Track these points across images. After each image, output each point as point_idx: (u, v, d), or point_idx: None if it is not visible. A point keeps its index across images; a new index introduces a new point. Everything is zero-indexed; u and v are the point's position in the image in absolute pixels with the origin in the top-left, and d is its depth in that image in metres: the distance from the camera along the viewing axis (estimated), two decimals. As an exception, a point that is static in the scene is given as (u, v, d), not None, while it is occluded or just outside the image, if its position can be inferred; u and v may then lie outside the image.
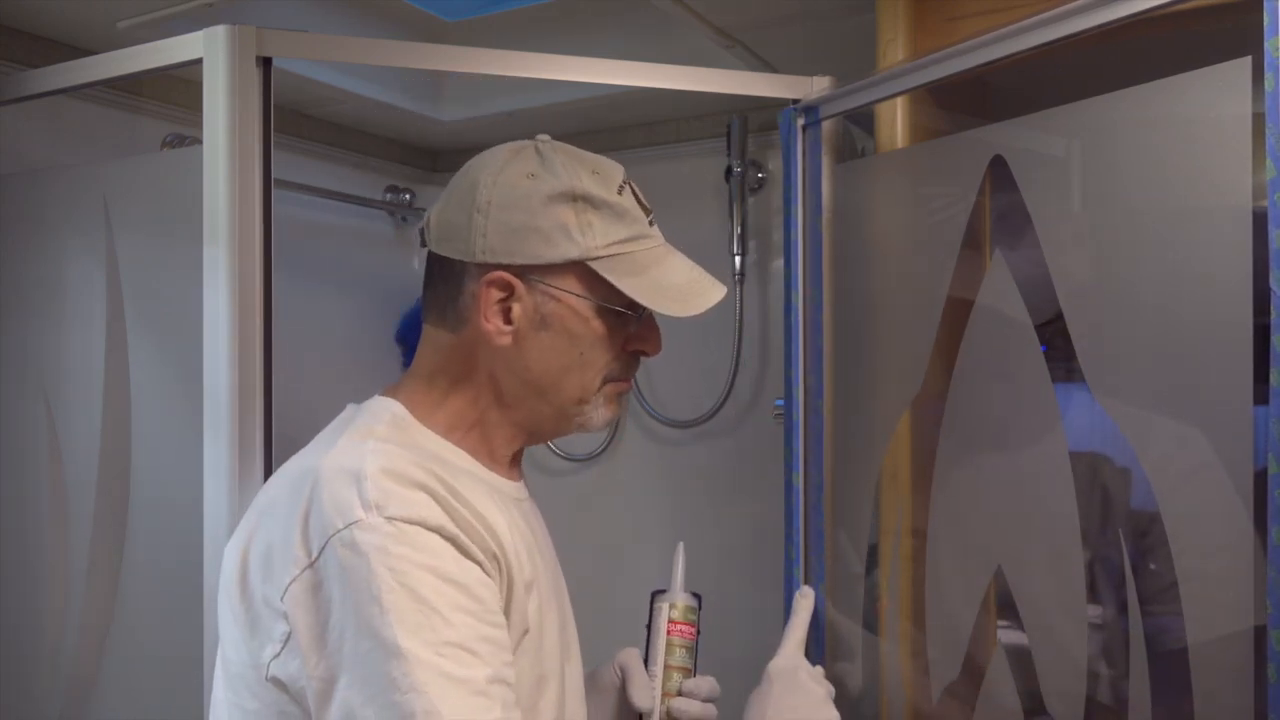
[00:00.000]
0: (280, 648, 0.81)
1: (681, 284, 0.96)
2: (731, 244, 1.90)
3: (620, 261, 0.93)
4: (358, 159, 2.04)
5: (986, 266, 1.15)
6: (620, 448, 2.11)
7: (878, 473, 1.32)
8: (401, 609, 0.78)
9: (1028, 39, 1.05)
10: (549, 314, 0.93)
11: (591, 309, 0.93)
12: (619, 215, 0.93)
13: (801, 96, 1.35)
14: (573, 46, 1.39)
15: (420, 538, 0.81)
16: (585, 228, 0.91)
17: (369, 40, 1.26)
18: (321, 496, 0.82)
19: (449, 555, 0.82)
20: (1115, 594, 1.24)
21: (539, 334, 0.93)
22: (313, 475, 0.84)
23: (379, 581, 0.78)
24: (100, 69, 1.26)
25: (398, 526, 0.80)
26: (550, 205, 0.91)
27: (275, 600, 0.81)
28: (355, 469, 0.83)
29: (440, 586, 0.80)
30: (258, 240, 1.14)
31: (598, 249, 0.92)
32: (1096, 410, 1.02)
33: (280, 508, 0.85)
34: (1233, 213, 0.89)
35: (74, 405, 1.32)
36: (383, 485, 0.82)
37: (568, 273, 0.92)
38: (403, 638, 0.77)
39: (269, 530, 0.85)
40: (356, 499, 0.81)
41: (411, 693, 0.76)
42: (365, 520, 0.79)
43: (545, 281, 0.92)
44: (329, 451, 0.87)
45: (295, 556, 0.81)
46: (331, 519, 0.80)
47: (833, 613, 1.36)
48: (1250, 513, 0.88)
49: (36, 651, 1.34)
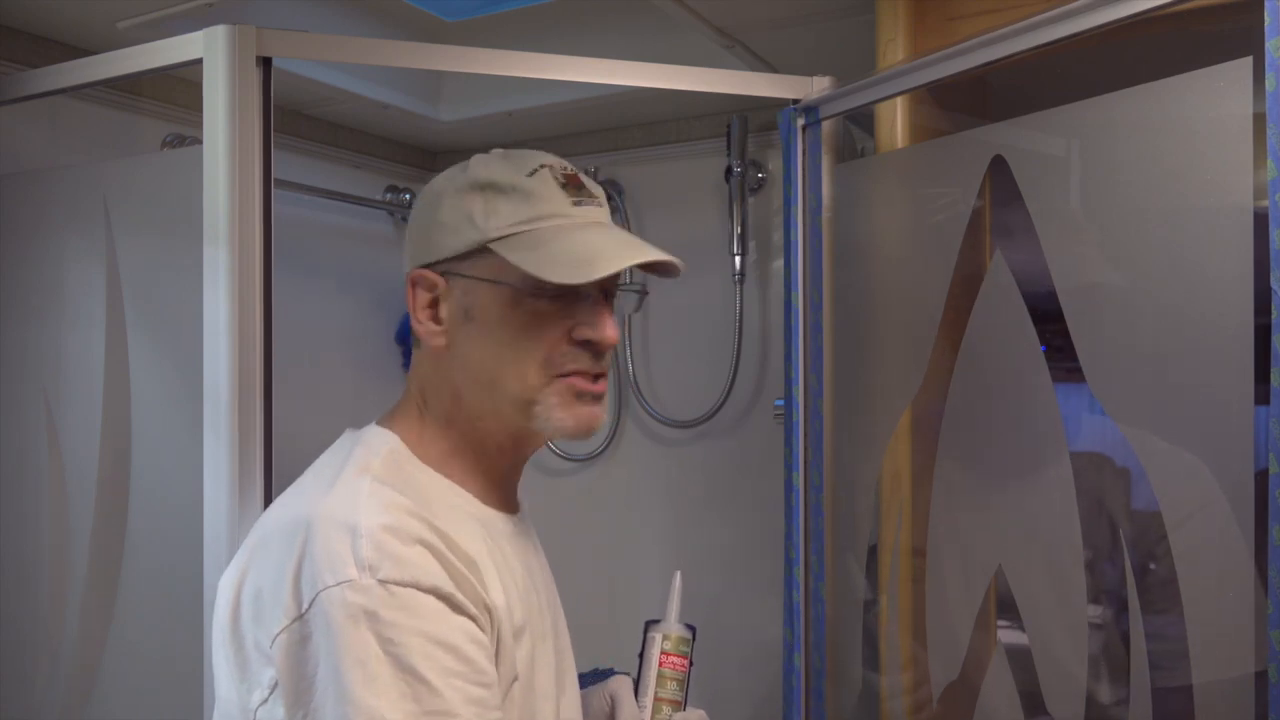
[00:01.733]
0: (268, 694, 0.81)
1: (581, 254, 0.90)
2: (731, 244, 1.89)
3: (521, 239, 0.90)
4: (357, 159, 2.04)
5: (986, 266, 1.15)
6: (620, 448, 2.11)
7: (878, 473, 1.32)
8: (385, 679, 0.77)
9: (1028, 39, 1.05)
10: (470, 305, 0.91)
11: (512, 293, 0.90)
12: (526, 196, 0.91)
13: (801, 96, 1.35)
14: (573, 46, 1.39)
15: (413, 600, 0.80)
16: (491, 213, 0.90)
17: (369, 40, 1.26)
18: (315, 548, 0.80)
19: (441, 616, 0.81)
20: (1115, 594, 1.25)
21: (466, 327, 0.92)
22: (307, 522, 0.82)
23: (366, 648, 0.77)
24: (100, 69, 1.26)
25: (390, 590, 0.79)
26: (457, 197, 0.91)
27: (265, 646, 0.81)
28: (351, 523, 0.81)
29: (430, 651, 0.79)
30: (258, 240, 1.14)
31: (498, 229, 0.90)
32: (1097, 410, 1.02)
33: (273, 551, 0.84)
34: (1233, 213, 0.89)
35: (74, 405, 1.32)
36: (378, 542, 0.80)
37: (481, 260, 0.90)
38: (386, 709, 0.77)
39: (260, 572, 0.83)
40: (350, 556, 0.79)
41: None
42: (357, 582, 0.78)
43: (460, 273, 0.91)
44: (326, 495, 0.85)
45: (285, 605, 0.80)
46: (322, 573, 0.79)
47: (833, 612, 1.36)
48: (1250, 513, 0.88)
49: (36, 651, 1.34)
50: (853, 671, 1.37)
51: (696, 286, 2.00)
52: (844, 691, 1.37)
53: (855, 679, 1.37)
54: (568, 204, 0.92)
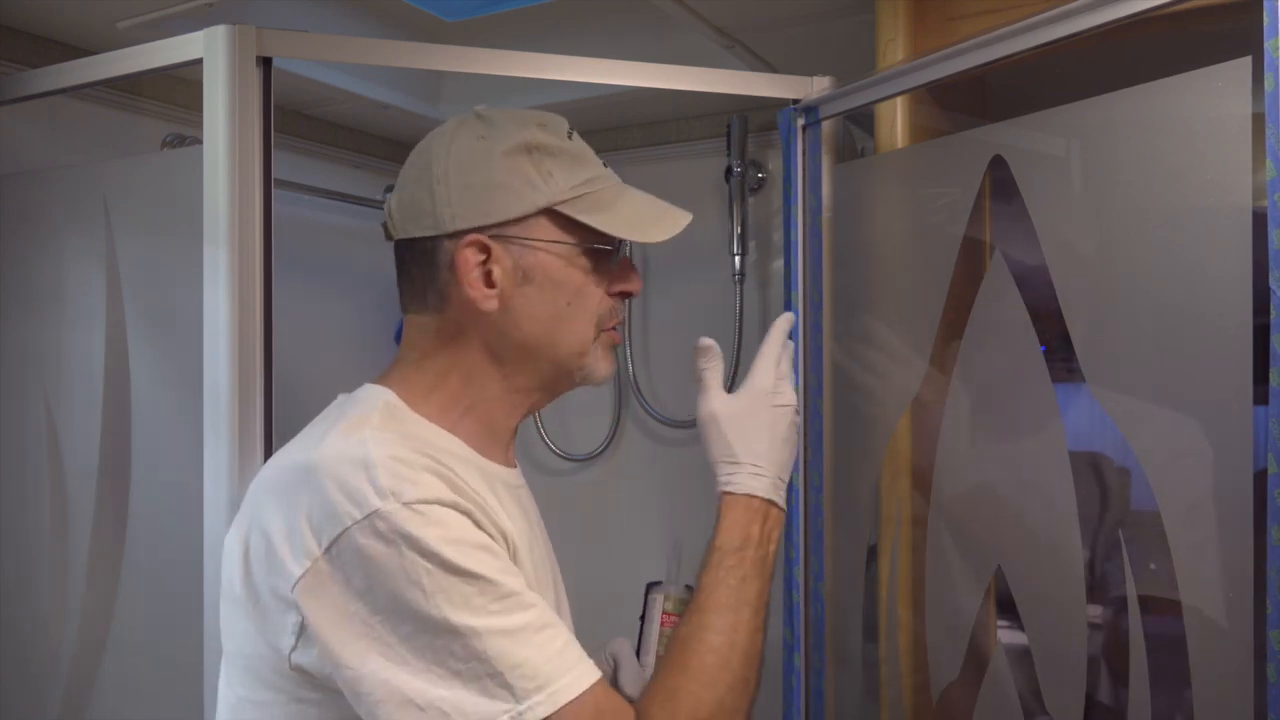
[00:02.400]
0: (295, 639, 0.81)
1: (647, 213, 0.98)
2: (731, 244, 1.89)
3: (586, 200, 0.93)
4: (357, 159, 2.04)
5: (986, 266, 1.15)
6: (620, 448, 2.11)
7: (878, 473, 1.32)
8: (447, 587, 0.78)
9: (1028, 39, 1.05)
10: (529, 267, 0.93)
11: (570, 252, 0.94)
12: (575, 158, 0.94)
13: (801, 96, 1.35)
14: (573, 46, 1.39)
15: (441, 514, 0.81)
16: (546, 175, 0.92)
17: (369, 40, 1.26)
18: (327, 487, 0.81)
19: (467, 525, 0.83)
20: (1115, 594, 1.24)
21: (524, 290, 0.93)
22: (311, 466, 0.83)
23: (415, 567, 0.78)
24: (100, 69, 1.26)
25: (416, 509, 0.80)
26: (508, 160, 0.92)
27: (285, 592, 0.81)
28: (361, 457, 0.82)
29: (472, 553, 0.80)
30: (258, 240, 1.14)
31: (563, 192, 0.92)
32: (1096, 410, 1.02)
33: (277, 499, 0.85)
34: (1233, 213, 0.89)
35: (74, 405, 1.32)
36: (394, 470, 0.81)
37: (538, 222, 0.92)
38: (454, 615, 0.78)
39: (267, 521, 0.84)
40: (370, 487, 0.80)
41: (474, 660, 0.78)
42: (384, 508, 0.79)
43: (519, 235, 0.92)
44: (323, 443, 0.86)
45: (305, 548, 0.80)
46: (346, 509, 0.79)
47: (833, 612, 1.36)
48: (1250, 513, 0.88)
49: (36, 651, 1.34)
50: (853, 671, 1.37)
51: (696, 286, 2.00)
52: (844, 691, 1.37)
53: (855, 678, 1.37)
54: (601, 164, 0.97)
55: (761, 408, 1.06)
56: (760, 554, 0.98)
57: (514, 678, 0.79)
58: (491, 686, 0.78)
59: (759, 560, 0.98)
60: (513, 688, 0.78)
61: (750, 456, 1.04)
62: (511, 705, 0.78)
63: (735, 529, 1.00)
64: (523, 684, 0.79)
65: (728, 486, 1.04)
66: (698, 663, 0.90)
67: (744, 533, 0.99)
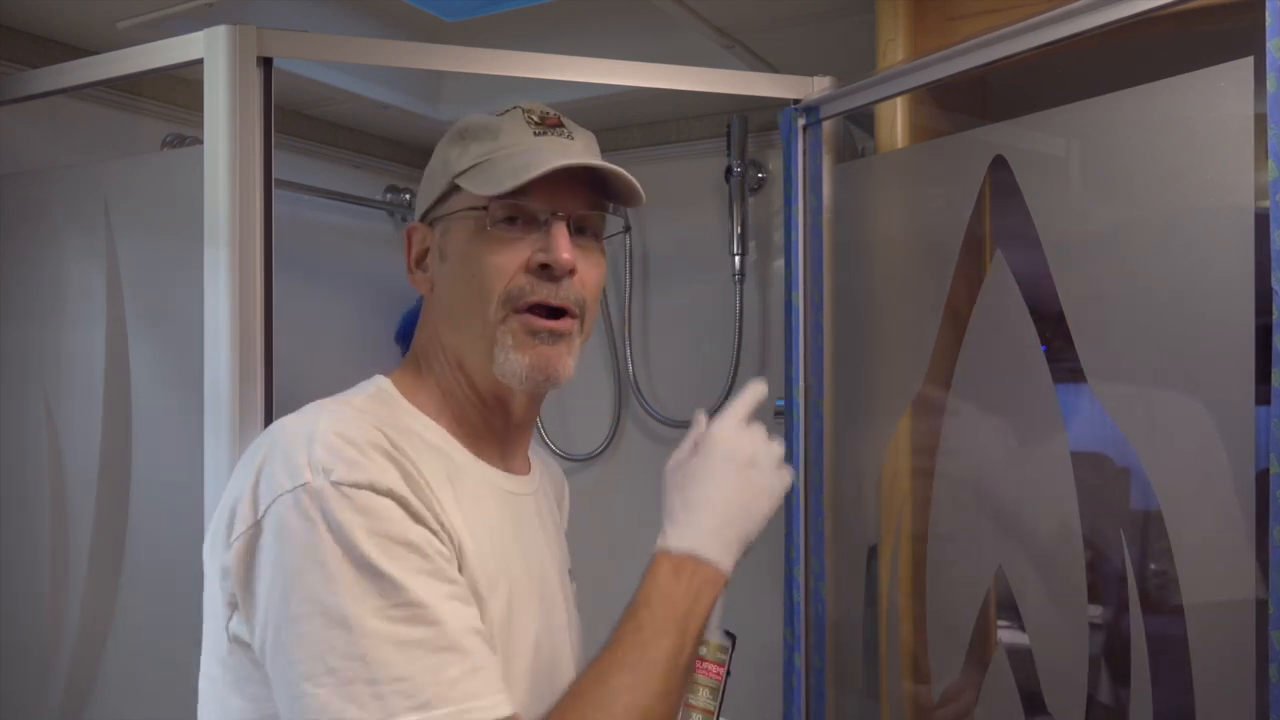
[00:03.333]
0: (231, 610, 0.81)
1: (519, 167, 0.87)
2: (731, 244, 1.89)
3: (479, 169, 0.91)
4: (357, 159, 2.04)
5: (986, 266, 1.15)
6: (620, 448, 2.11)
7: (878, 473, 1.31)
8: (347, 577, 0.74)
9: (1028, 39, 1.05)
10: (445, 245, 0.93)
11: (469, 224, 0.91)
12: (494, 133, 0.93)
13: (801, 96, 1.35)
14: (573, 46, 1.39)
15: (369, 501, 0.77)
16: (462, 154, 0.93)
17: (369, 40, 1.26)
18: (275, 456, 0.80)
19: (398, 518, 0.78)
20: (1115, 594, 1.25)
21: (443, 266, 0.93)
22: (270, 439, 0.83)
23: (323, 548, 0.75)
24: (100, 69, 1.26)
25: (344, 491, 0.76)
26: (442, 150, 0.95)
27: (226, 558, 0.80)
28: (309, 431, 0.80)
29: (390, 549, 0.76)
30: (258, 240, 1.14)
31: (464, 165, 0.92)
32: (1097, 410, 1.02)
33: (241, 468, 0.84)
34: (1234, 213, 0.89)
35: (74, 405, 1.31)
36: (332, 446, 0.78)
37: (450, 200, 0.93)
38: (346, 606, 0.74)
39: (230, 491, 0.83)
40: (305, 461, 0.78)
41: (355, 660, 0.73)
42: (311, 484, 0.76)
43: (438, 215, 0.95)
44: (298, 414, 0.85)
45: (243, 515, 0.79)
46: (280, 480, 0.78)
47: (833, 612, 1.36)
48: (1251, 513, 0.88)
49: (36, 651, 1.34)
50: (853, 671, 1.37)
51: (696, 286, 2.00)
52: (844, 691, 1.37)
53: (855, 679, 1.37)
54: (529, 135, 0.92)
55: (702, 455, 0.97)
56: (677, 611, 0.89)
57: (388, 690, 0.73)
58: (363, 695, 0.73)
59: (673, 618, 0.89)
60: (384, 700, 0.73)
61: (685, 511, 0.97)
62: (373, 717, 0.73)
63: (651, 585, 0.93)
64: (396, 701, 0.73)
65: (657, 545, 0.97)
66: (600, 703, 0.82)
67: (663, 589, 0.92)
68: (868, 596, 1.33)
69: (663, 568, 0.93)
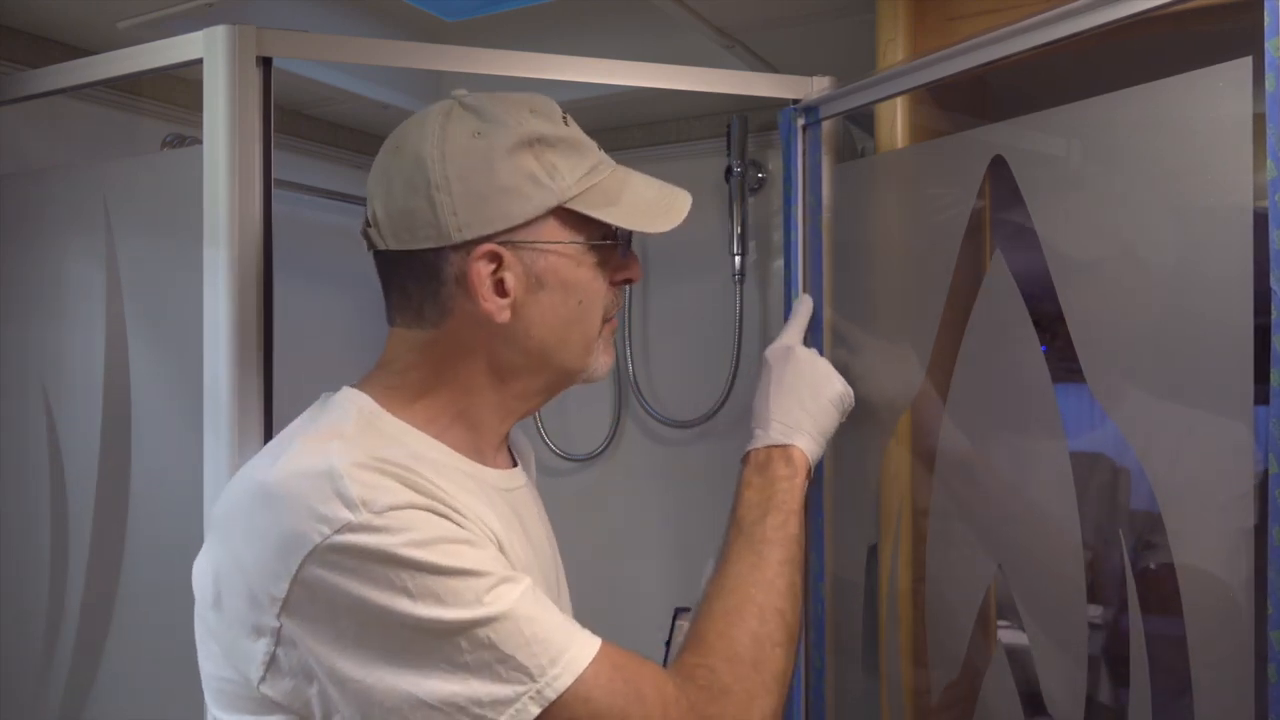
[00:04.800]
0: (265, 670, 0.79)
1: (654, 199, 0.95)
2: (731, 244, 1.89)
3: (593, 194, 0.89)
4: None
5: (986, 266, 1.15)
6: (620, 448, 2.11)
7: (878, 473, 1.31)
8: (435, 587, 0.75)
9: (1028, 39, 1.05)
10: (541, 271, 0.88)
11: (579, 250, 0.90)
12: (575, 148, 0.90)
13: (801, 96, 1.35)
14: (573, 46, 1.39)
15: (414, 517, 0.78)
16: (551, 170, 0.88)
17: (369, 40, 1.26)
18: (291, 507, 0.77)
19: (446, 524, 0.80)
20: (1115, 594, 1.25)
21: (537, 296, 0.89)
22: (271, 487, 0.79)
23: (397, 573, 0.75)
24: (100, 69, 1.26)
25: (391, 515, 0.76)
26: (511, 159, 0.86)
27: (264, 621, 0.78)
28: (325, 469, 0.78)
29: (454, 549, 0.78)
30: (258, 240, 1.14)
31: (571, 188, 0.88)
32: (1097, 410, 1.02)
33: (243, 525, 0.81)
34: (1233, 213, 0.89)
35: (74, 405, 1.32)
36: (361, 479, 0.77)
37: (547, 222, 0.88)
38: (447, 612, 0.75)
39: (237, 550, 0.80)
40: (338, 500, 0.76)
41: (479, 650, 0.75)
42: (356, 520, 0.75)
43: (529, 240, 0.87)
44: (283, 458, 0.81)
45: (275, 571, 0.77)
46: (314, 526, 0.76)
47: (833, 613, 1.36)
48: (1250, 513, 0.88)
49: (36, 651, 1.34)
50: (853, 671, 1.37)
51: (696, 286, 2.00)
52: (844, 690, 1.37)
53: (855, 679, 1.37)
54: (597, 149, 0.93)
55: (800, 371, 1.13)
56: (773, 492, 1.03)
57: (525, 656, 0.76)
58: (504, 671, 0.75)
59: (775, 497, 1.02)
60: (526, 667, 0.76)
61: (780, 415, 1.09)
62: (529, 684, 0.75)
63: (753, 483, 1.04)
64: (535, 661, 0.76)
65: (749, 446, 1.09)
66: (719, 607, 0.90)
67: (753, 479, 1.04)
68: (868, 596, 1.33)
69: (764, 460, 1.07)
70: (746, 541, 0.97)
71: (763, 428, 1.09)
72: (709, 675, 0.84)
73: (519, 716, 0.75)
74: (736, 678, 0.85)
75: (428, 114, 0.91)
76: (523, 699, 0.75)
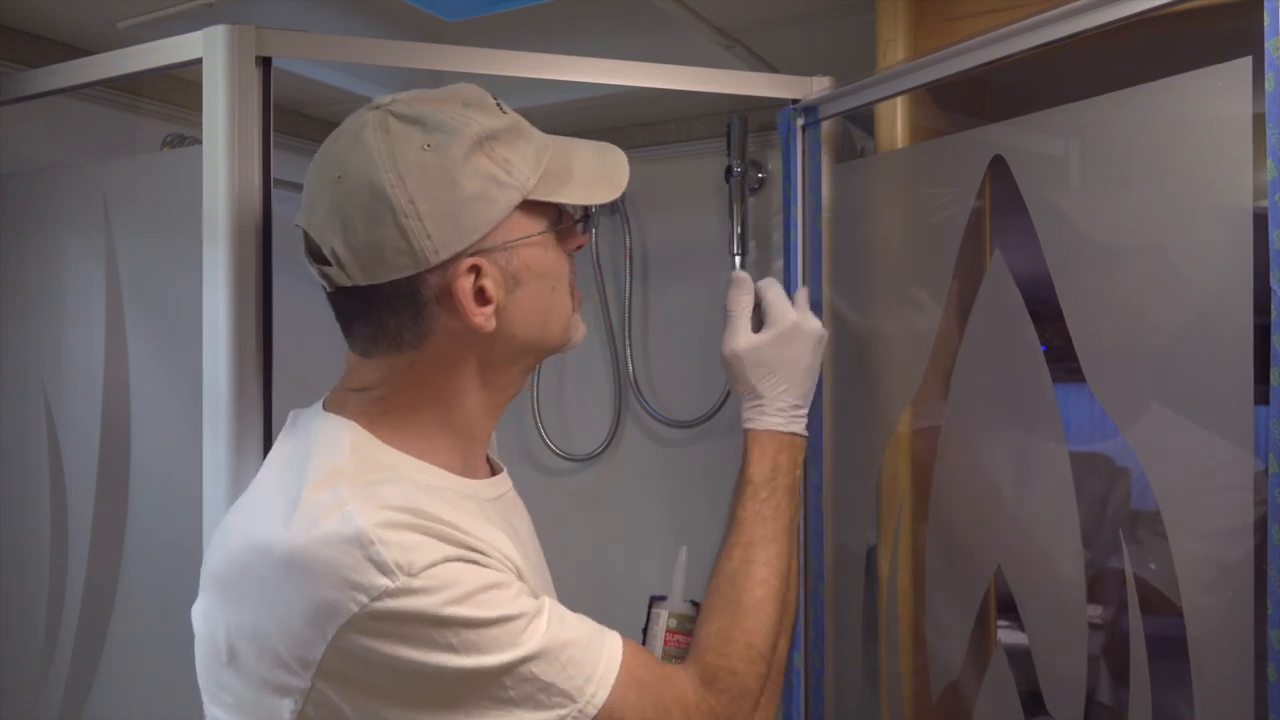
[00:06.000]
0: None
1: (596, 167, 0.93)
2: (731, 244, 1.89)
3: (548, 178, 0.88)
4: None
5: (986, 266, 1.15)
6: (620, 448, 2.11)
7: (878, 473, 1.31)
8: (477, 640, 0.77)
9: (1028, 39, 1.05)
10: (517, 269, 0.88)
11: (546, 240, 0.90)
12: (518, 134, 0.88)
13: (801, 96, 1.35)
14: (573, 46, 1.39)
15: (450, 572, 0.78)
16: (507, 166, 0.86)
17: (369, 40, 1.26)
18: (324, 579, 0.76)
19: (475, 571, 0.81)
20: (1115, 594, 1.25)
21: (516, 294, 0.88)
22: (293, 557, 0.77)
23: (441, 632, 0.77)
24: (100, 69, 1.26)
25: (427, 576, 0.77)
26: (467, 165, 0.84)
27: (292, 682, 0.77)
28: (353, 535, 0.76)
29: (488, 597, 0.80)
30: (257, 240, 1.14)
31: (529, 179, 0.87)
32: (1097, 410, 1.02)
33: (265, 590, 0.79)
34: (1233, 213, 0.89)
35: (74, 405, 1.32)
36: (392, 540, 0.77)
37: (513, 218, 0.86)
38: (491, 659, 0.78)
39: (256, 615, 0.79)
40: (373, 568, 0.75)
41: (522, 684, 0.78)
42: (394, 586, 0.75)
43: (501, 241, 0.86)
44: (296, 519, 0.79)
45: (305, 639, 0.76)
46: (350, 595, 0.75)
47: (833, 613, 1.36)
48: (1250, 513, 0.88)
49: (35, 651, 1.34)
50: (853, 671, 1.37)
51: (696, 286, 2.00)
52: (844, 691, 1.37)
53: (855, 679, 1.37)
54: (529, 124, 0.92)
55: (785, 343, 1.10)
56: (788, 482, 1.04)
57: (564, 681, 0.80)
58: (547, 698, 0.79)
59: (788, 489, 1.03)
60: (567, 691, 0.80)
61: (773, 393, 1.08)
62: (570, 706, 0.80)
63: (763, 462, 1.04)
64: (573, 683, 0.80)
65: (751, 424, 1.08)
66: (748, 599, 0.93)
67: (772, 463, 1.04)
68: (868, 596, 1.33)
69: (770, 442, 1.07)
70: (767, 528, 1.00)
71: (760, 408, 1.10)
72: (731, 678, 0.89)
73: None
74: (755, 676, 0.90)
75: (360, 131, 0.86)
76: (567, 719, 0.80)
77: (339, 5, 1.57)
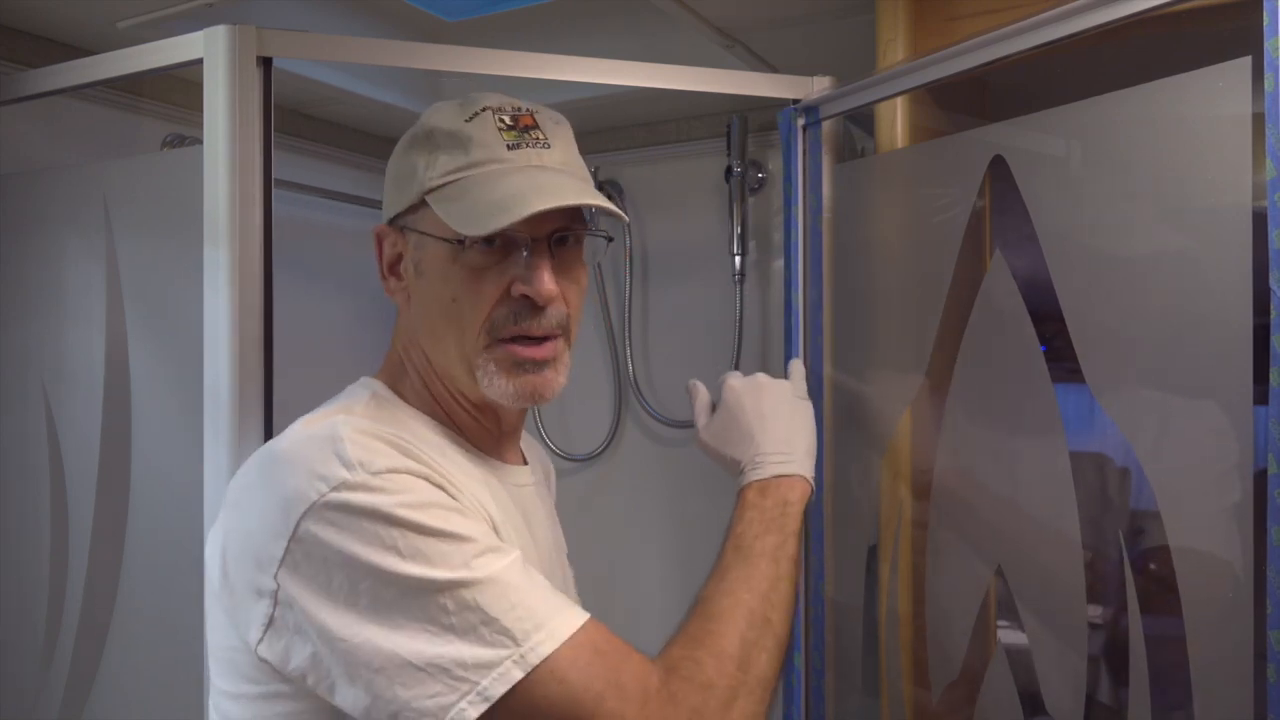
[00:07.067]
0: (263, 631, 0.80)
1: (498, 200, 0.85)
2: (731, 244, 1.89)
3: (449, 190, 0.88)
4: (358, 159, 2.04)
5: (986, 266, 1.15)
6: (620, 448, 2.11)
7: (878, 473, 1.32)
8: (424, 548, 0.77)
9: (1028, 39, 1.05)
10: (421, 259, 0.92)
11: (445, 248, 0.89)
12: (463, 143, 0.89)
13: (801, 96, 1.35)
14: (573, 46, 1.39)
15: (409, 481, 0.80)
16: (430, 163, 0.90)
17: (369, 40, 1.26)
18: (293, 467, 0.79)
19: (439, 492, 0.82)
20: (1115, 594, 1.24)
21: (419, 282, 0.92)
22: (277, 452, 0.82)
23: (388, 531, 0.76)
24: (100, 69, 1.26)
25: (386, 477, 0.78)
26: (409, 151, 0.92)
27: (264, 582, 0.79)
28: (327, 434, 0.81)
29: (446, 515, 0.79)
30: (258, 240, 1.14)
31: (433, 180, 0.89)
32: (1096, 410, 1.02)
33: (249, 491, 0.83)
34: (1233, 213, 0.89)
35: (74, 404, 1.32)
36: (362, 442, 0.80)
37: (423, 214, 0.90)
38: (435, 572, 0.76)
39: (243, 514, 0.83)
40: (337, 461, 0.78)
41: (465, 612, 0.76)
42: (352, 479, 0.77)
43: (411, 227, 0.92)
44: (293, 429, 0.86)
45: (277, 531, 0.78)
46: (313, 484, 0.78)
47: (833, 613, 1.36)
48: (1249, 513, 0.88)
49: (36, 651, 1.34)
50: (853, 671, 1.37)
51: (696, 286, 2.00)
52: (844, 691, 1.37)
53: (855, 679, 1.37)
54: (502, 148, 0.89)
55: (727, 408, 1.14)
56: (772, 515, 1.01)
57: (509, 620, 0.77)
58: (489, 634, 0.76)
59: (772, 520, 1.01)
60: (510, 631, 0.77)
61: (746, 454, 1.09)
62: (512, 649, 0.76)
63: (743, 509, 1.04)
64: (520, 625, 0.77)
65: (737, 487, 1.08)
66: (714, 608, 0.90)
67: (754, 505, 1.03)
68: (868, 596, 1.33)
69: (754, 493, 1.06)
70: (743, 555, 0.97)
71: (758, 460, 1.08)
72: (694, 668, 0.84)
73: (501, 679, 0.76)
74: (721, 674, 0.85)
75: None
76: (505, 662, 0.76)
77: (339, 5, 1.57)
